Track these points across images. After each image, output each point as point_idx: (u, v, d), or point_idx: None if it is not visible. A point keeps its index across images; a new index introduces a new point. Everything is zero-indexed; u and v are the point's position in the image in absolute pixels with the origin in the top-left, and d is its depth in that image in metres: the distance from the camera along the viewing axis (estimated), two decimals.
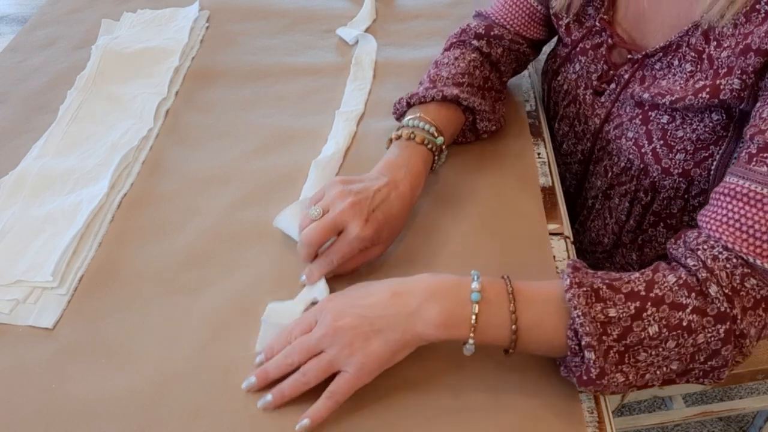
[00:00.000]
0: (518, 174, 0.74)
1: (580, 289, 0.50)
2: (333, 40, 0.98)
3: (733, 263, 0.50)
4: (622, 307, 0.49)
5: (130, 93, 0.87)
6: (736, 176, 0.53)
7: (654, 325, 0.49)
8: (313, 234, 0.60)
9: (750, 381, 0.91)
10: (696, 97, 0.60)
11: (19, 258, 0.66)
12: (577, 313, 0.49)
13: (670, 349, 0.49)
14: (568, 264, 0.53)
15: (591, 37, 0.73)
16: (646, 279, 0.51)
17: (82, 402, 0.54)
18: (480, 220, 0.69)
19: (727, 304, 0.49)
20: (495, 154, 0.76)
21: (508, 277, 0.53)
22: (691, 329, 0.49)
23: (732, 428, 1.25)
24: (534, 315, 0.51)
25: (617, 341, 0.49)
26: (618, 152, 0.71)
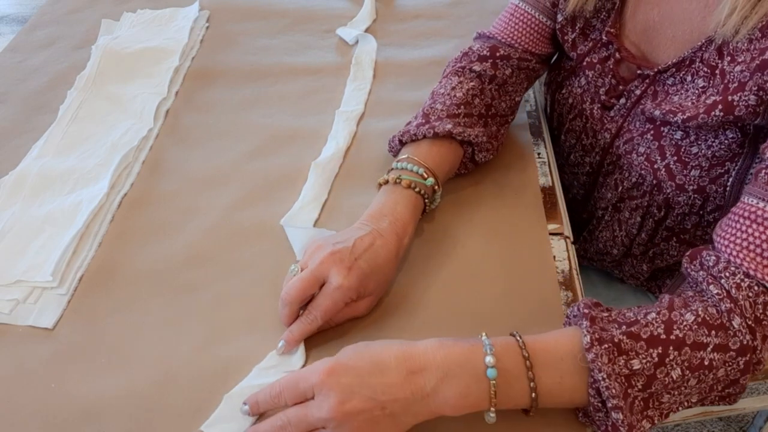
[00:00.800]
0: (518, 174, 0.74)
1: (602, 347, 0.47)
2: (333, 40, 0.98)
3: (755, 291, 0.49)
4: (645, 356, 0.47)
5: (130, 93, 0.87)
6: (755, 197, 0.52)
7: (677, 368, 0.48)
8: (292, 289, 0.55)
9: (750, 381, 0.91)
10: (709, 115, 0.58)
11: (19, 258, 0.66)
12: (602, 376, 0.46)
13: (692, 387, 0.49)
14: (584, 314, 0.50)
15: (597, 51, 0.71)
16: (663, 320, 0.49)
17: (82, 402, 0.54)
18: (480, 220, 0.68)
19: (749, 336, 0.48)
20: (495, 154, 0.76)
21: (519, 337, 0.50)
22: (712, 366, 0.48)
23: (732, 428, 1.25)
24: (553, 378, 0.49)
25: (642, 391, 0.48)
26: (629, 167, 0.70)
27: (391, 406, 0.47)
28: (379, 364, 0.48)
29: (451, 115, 0.69)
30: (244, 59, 0.94)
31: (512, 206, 0.70)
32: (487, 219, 0.69)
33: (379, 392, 0.46)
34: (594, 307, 0.51)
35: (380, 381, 0.47)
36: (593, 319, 0.49)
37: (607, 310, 0.52)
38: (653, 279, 0.81)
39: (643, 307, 0.52)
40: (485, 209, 0.70)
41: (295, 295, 0.56)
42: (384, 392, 0.46)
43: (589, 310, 0.50)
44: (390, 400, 0.46)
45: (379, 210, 0.61)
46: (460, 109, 0.70)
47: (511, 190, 0.72)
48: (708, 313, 0.49)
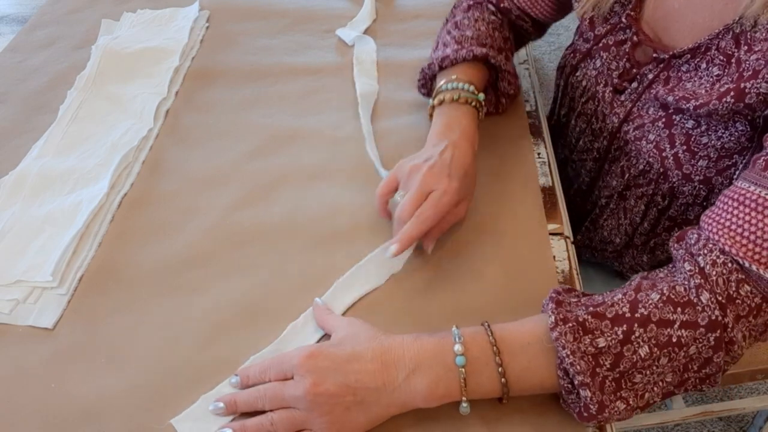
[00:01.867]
0: (518, 174, 0.74)
1: (566, 325, 0.48)
2: (333, 40, 0.98)
3: (729, 268, 0.49)
4: (610, 334, 0.48)
5: (130, 93, 0.87)
6: (748, 181, 0.52)
7: (644, 346, 0.48)
8: (407, 205, 0.60)
9: (750, 381, 0.91)
10: (720, 101, 0.58)
11: (19, 258, 0.66)
12: (566, 353, 0.47)
13: (664, 365, 0.49)
14: (551, 298, 0.51)
15: (615, 34, 0.71)
16: (629, 299, 0.50)
17: (82, 402, 0.54)
18: (480, 220, 0.68)
19: (719, 312, 0.48)
20: (495, 154, 0.76)
21: (488, 325, 0.52)
22: (681, 343, 0.48)
23: (732, 428, 1.25)
24: (521, 362, 0.50)
25: (611, 370, 0.48)
26: (637, 154, 0.70)
27: (362, 393, 0.49)
28: (356, 353, 0.50)
29: (481, 44, 0.73)
30: (244, 59, 0.94)
31: (512, 206, 0.70)
32: (487, 219, 0.69)
33: (352, 379, 0.49)
34: (564, 293, 0.53)
35: (354, 368, 0.49)
36: (560, 302, 0.51)
37: (579, 295, 0.53)
38: None
39: (613, 291, 0.52)
40: (485, 209, 0.70)
41: (412, 212, 0.60)
42: (357, 379, 0.49)
43: (557, 294, 0.52)
44: (361, 387, 0.49)
45: (446, 125, 0.67)
46: (487, 39, 0.74)
47: (511, 190, 0.72)
48: (674, 291, 0.50)
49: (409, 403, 0.50)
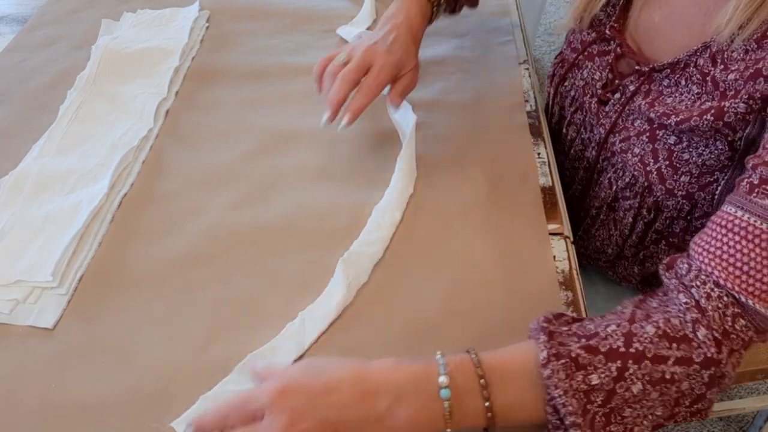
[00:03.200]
0: (518, 174, 0.74)
1: (559, 362, 0.46)
2: (333, 40, 0.98)
3: (725, 302, 0.48)
4: (604, 370, 0.46)
5: (130, 93, 0.87)
6: (734, 206, 0.51)
7: (637, 383, 0.47)
8: (348, 74, 0.66)
9: (750, 381, 0.91)
10: (701, 118, 0.58)
11: (19, 258, 0.66)
12: (558, 392, 0.46)
13: (654, 399, 0.47)
14: (542, 328, 0.49)
15: (599, 44, 0.71)
16: (623, 332, 0.48)
17: (82, 402, 0.54)
18: (480, 220, 0.68)
19: (714, 349, 0.47)
20: (495, 154, 0.76)
21: (475, 354, 0.49)
22: (674, 380, 0.47)
23: (732, 428, 1.25)
24: (509, 396, 0.48)
25: (602, 406, 0.47)
26: (623, 166, 0.70)
27: (343, 428, 0.45)
28: (333, 385, 0.46)
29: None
30: (244, 59, 0.94)
31: (512, 206, 0.70)
32: (487, 219, 0.69)
33: (330, 413, 0.45)
34: (555, 320, 0.50)
35: (332, 401, 0.45)
36: (551, 333, 0.48)
37: (568, 322, 0.51)
38: (646, 284, 0.81)
39: (605, 318, 0.51)
40: (485, 209, 0.70)
41: (351, 78, 0.67)
42: (336, 413, 0.45)
43: (548, 324, 0.49)
44: (342, 421, 0.45)
45: (394, 12, 0.73)
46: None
47: (511, 190, 0.72)
48: (670, 325, 0.48)
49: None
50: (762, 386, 1.31)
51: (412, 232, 0.67)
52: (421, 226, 0.68)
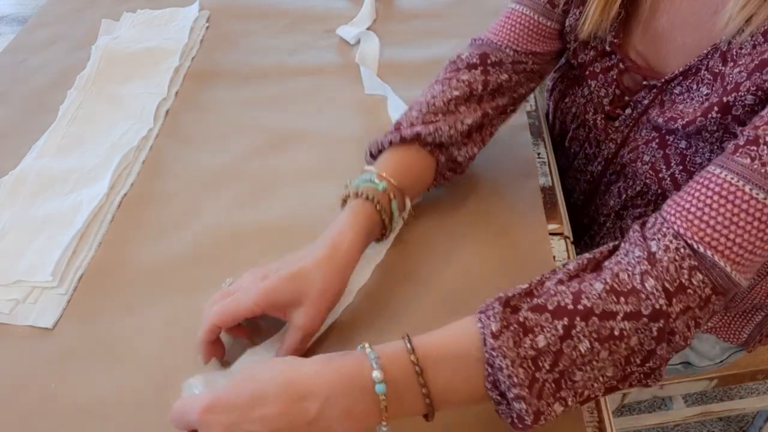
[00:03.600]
0: (518, 174, 0.74)
1: (509, 330, 0.45)
2: (333, 40, 0.98)
3: (681, 254, 0.47)
4: (550, 329, 0.45)
5: (130, 93, 0.87)
6: (716, 165, 0.49)
7: (584, 340, 0.45)
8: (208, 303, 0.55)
9: (750, 381, 0.91)
10: (706, 117, 0.57)
11: (19, 258, 0.66)
12: (507, 363, 0.44)
13: (604, 359, 0.46)
14: (498, 298, 0.47)
15: (600, 60, 0.69)
16: (572, 290, 0.47)
17: (82, 402, 0.54)
18: (480, 220, 0.68)
19: (664, 301, 0.46)
20: (495, 154, 0.76)
21: (409, 340, 0.47)
22: (623, 336, 0.45)
23: (732, 428, 1.25)
24: (446, 379, 0.46)
25: (550, 371, 0.45)
26: (633, 176, 0.69)
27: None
28: (259, 396, 0.44)
29: (427, 122, 0.65)
30: (244, 59, 0.94)
31: (512, 206, 0.70)
32: (486, 219, 0.69)
33: (260, 426, 0.43)
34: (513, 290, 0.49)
35: (261, 413, 0.44)
36: (507, 301, 0.47)
37: (530, 282, 0.49)
38: None
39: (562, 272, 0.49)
40: (485, 209, 0.70)
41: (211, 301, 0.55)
42: (265, 425, 0.43)
43: (504, 294, 0.48)
44: (274, 431, 0.43)
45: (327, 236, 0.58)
46: (437, 116, 0.65)
47: (511, 190, 0.72)
48: (618, 280, 0.47)
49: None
50: (762, 386, 1.31)
51: (412, 231, 0.67)
52: (422, 226, 0.68)
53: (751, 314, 0.78)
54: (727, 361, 0.83)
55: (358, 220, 0.58)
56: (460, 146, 0.66)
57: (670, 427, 1.26)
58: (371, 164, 0.65)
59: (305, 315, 0.54)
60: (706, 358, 0.82)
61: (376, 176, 0.61)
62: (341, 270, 0.56)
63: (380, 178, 0.61)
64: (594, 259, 0.51)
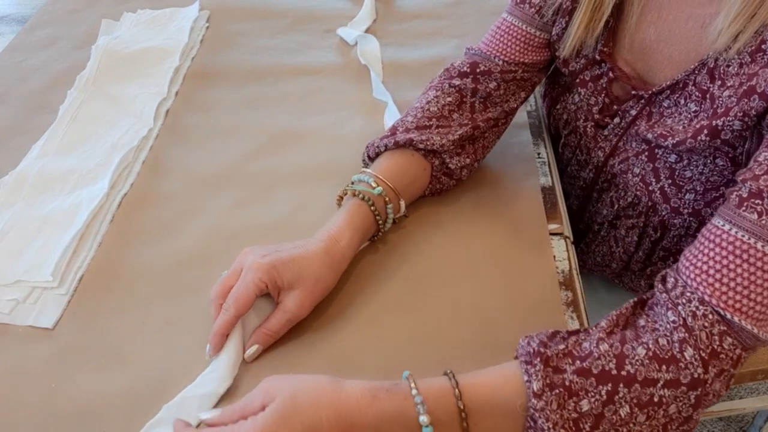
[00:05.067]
0: (518, 174, 0.74)
1: (553, 392, 0.45)
2: (333, 40, 0.98)
3: (710, 320, 0.48)
4: (594, 394, 0.46)
5: (130, 93, 0.87)
6: (723, 219, 0.50)
7: (626, 406, 0.46)
8: (216, 285, 0.57)
9: (750, 381, 0.91)
10: (696, 139, 0.57)
11: (19, 258, 0.66)
12: (549, 425, 0.45)
13: (641, 423, 0.47)
14: (537, 352, 0.47)
15: (590, 69, 0.69)
16: (615, 353, 0.47)
17: (82, 402, 0.54)
18: (480, 220, 0.68)
19: (702, 370, 0.47)
20: (495, 154, 0.76)
21: (455, 379, 0.48)
22: (662, 402, 0.47)
23: (732, 428, 1.25)
24: (488, 424, 0.47)
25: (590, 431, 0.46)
26: (624, 187, 0.69)
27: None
28: (313, 425, 0.45)
29: (421, 127, 0.67)
30: (244, 59, 0.94)
31: (512, 206, 0.70)
32: (487, 219, 0.69)
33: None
34: (550, 341, 0.49)
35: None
36: (547, 359, 0.47)
37: (564, 338, 0.50)
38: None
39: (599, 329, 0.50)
40: (485, 209, 0.70)
41: (218, 290, 0.57)
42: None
43: (545, 348, 0.48)
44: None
45: (328, 225, 0.61)
46: (431, 121, 0.68)
47: (511, 190, 0.72)
48: (658, 346, 0.48)
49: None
50: (762, 386, 1.31)
51: (411, 231, 0.67)
52: (421, 227, 0.68)
53: None
54: None
55: (354, 220, 0.61)
56: (453, 155, 0.68)
57: None
58: (368, 166, 0.67)
59: (297, 299, 0.56)
60: None
61: (373, 179, 0.63)
62: (336, 264, 0.59)
63: (377, 181, 0.63)
64: (623, 315, 0.52)
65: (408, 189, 0.66)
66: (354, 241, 0.61)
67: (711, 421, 1.26)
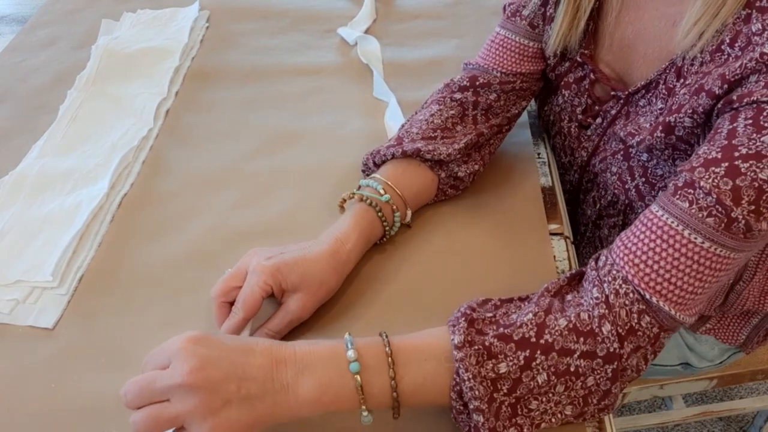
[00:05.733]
0: (518, 174, 0.74)
1: (472, 348, 0.47)
2: (333, 40, 0.98)
3: (631, 299, 0.49)
4: (513, 358, 0.47)
5: (130, 93, 0.87)
6: (658, 205, 0.52)
7: (543, 373, 0.48)
8: (217, 284, 0.57)
9: (750, 381, 0.91)
10: (653, 136, 0.59)
11: (19, 258, 0.66)
12: (468, 376, 0.46)
13: (560, 393, 0.48)
14: (464, 314, 0.50)
15: (574, 71, 0.70)
16: (537, 322, 0.49)
17: (82, 402, 0.54)
18: (480, 220, 0.68)
19: (617, 345, 0.48)
20: (495, 155, 0.76)
21: (386, 335, 0.49)
22: (579, 373, 0.48)
23: (732, 428, 1.26)
24: (415, 377, 0.48)
25: (508, 395, 0.48)
26: (605, 186, 0.70)
27: (247, 386, 0.45)
28: (245, 347, 0.47)
29: (426, 138, 0.68)
30: (244, 59, 0.94)
31: (512, 206, 0.70)
32: (487, 219, 0.69)
33: (239, 368, 0.45)
34: (479, 307, 0.51)
35: (243, 360, 0.46)
36: (472, 321, 0.49)
37: (496, 306, 0.52)
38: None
39: (528, 306, 0.51)
40: (485, 209, 0.70)
41: (219, 289, 0.57)
42: (244, 370, 0.45)
43: (471, 311, 0.50)
44: (248, 378, 0.45)
45: (334, 226, 0.61)
46: (436, 132, 0.69)
47: (511, 190, 0.72)
48: (579, 320, 0.49)
49: (295, 408, 0.46)
50: (762, 386, 1.31)
51: (412, 232, 0.67)
52: (422, 227, 0.68)
53: (747, 317, 0.78)
54: (726, 362, 0.83)
55: (360, 224, 0.61)
56: (460, 164, 0.69)
57: (670, 427, 1.26)
58: (370, 172, 0.68)
59: (300, 301, 0.57)
60: (706, 359, 0.82)
61: (382, 186, 0.64)
62: (341, 267, 0.59)
63: (385, 188, 0.64)
64: (556, 284, 0.53)
65: (415, 199, 0.67)
66: (359, 245, 0.61)
67: (711, 421, 1.27)
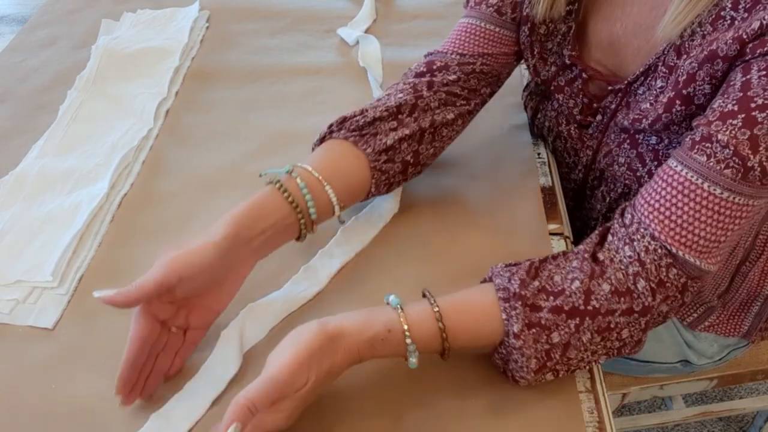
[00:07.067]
0: (518, 174, 0.74)
1: (530, 331, 0.51)
2: (333, 40, 0.98)
3: (659, 254, 0.52)
4: (564, 327, 0.51)
5: (130, 93, 0.87)
6: (676, 161, 0.54)
7: (587, 333, 0.52)
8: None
9: (750, 381, 0.91)
10: (670, 112, 0.58)
11: (19, 258, 0.66)
12: (524, 359, 0.51)
13: (597, 343, 0.53)
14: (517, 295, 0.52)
15: (563, 74, 0.70)
16: (584, 289, 0.52)
17: (82, 402, 0.54)
18: (480, 220, 0.69)
19: (651, 298, 0.52)
20: (495, 154, 0.76)
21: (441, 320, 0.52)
22: (617, 328, 0.53)
23: (732, 428, 1.26)
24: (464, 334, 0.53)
25: (557, 361, 0.52)
26: (613, 179, 0.70)
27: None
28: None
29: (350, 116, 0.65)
30: (244, 59, 0.94)
31: (512, 206, 0.70)
32: (487, 219, 0.69)
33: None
34: (526, 275, 0.53)
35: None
36: (525, 299, 0.52)
37: (537, 270, 0.54)
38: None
39: (569, 268, 0.54)
40: (485, 209, 0.70)
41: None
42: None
43: (523, 288, 0.52)
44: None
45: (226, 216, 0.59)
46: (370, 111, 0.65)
47: (511, 190, 0.72)
48: (618, 280, 0.53)
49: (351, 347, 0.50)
50: (762, 386, 1.31)
51: (412, 232, 0.67)
52: (422, 227, 0.68)
53: (749, 305, 0.79)
54: (726, 359, 0.83)
55: (254, 204, 0.59)
56: (388, 132, 0.64)
57: (670, 427, 1.26)
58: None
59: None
60: (705, 356, 0.82)
61: (291, 166, 0.61)
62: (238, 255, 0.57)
63: (294, 168, 0.61)
64: (592, 244, 0.56)
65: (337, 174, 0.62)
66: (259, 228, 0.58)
67: (711, 421, 1.26)
